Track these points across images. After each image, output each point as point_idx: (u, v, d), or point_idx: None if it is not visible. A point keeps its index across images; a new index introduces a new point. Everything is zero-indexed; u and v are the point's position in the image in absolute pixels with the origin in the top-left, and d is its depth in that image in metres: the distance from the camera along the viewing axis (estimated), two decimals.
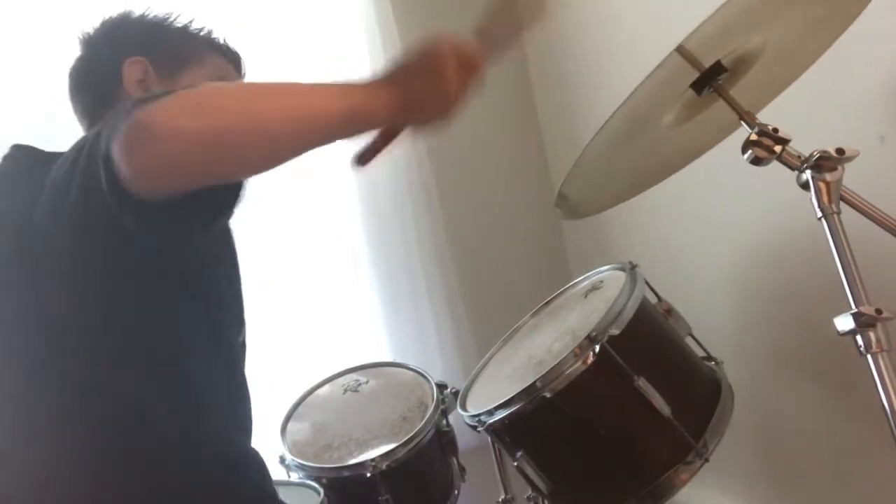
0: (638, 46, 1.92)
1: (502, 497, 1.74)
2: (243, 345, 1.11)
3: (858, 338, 0.97)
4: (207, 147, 0.77)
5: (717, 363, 1.54)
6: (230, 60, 1.22)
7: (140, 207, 0.82)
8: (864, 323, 0.96)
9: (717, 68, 1.14)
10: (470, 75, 0.92)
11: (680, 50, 1.08)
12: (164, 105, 0.77)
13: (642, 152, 1.32)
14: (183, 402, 0.97)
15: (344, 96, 0.88)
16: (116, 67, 1.13)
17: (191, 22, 1.20)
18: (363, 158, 0.98)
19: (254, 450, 1.06)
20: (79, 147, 0.95)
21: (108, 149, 0.80)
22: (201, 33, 1.20)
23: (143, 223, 0.87)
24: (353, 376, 1.85)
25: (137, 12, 1.19)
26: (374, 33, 2.19)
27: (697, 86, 1.16)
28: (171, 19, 1.19)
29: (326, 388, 1.84)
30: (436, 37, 0.91)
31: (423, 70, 0.90)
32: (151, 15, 1.19)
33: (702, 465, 1.35)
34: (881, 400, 0.96)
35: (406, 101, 0.90)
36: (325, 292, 2.22)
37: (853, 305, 0.98)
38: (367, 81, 0.91)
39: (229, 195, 0.89)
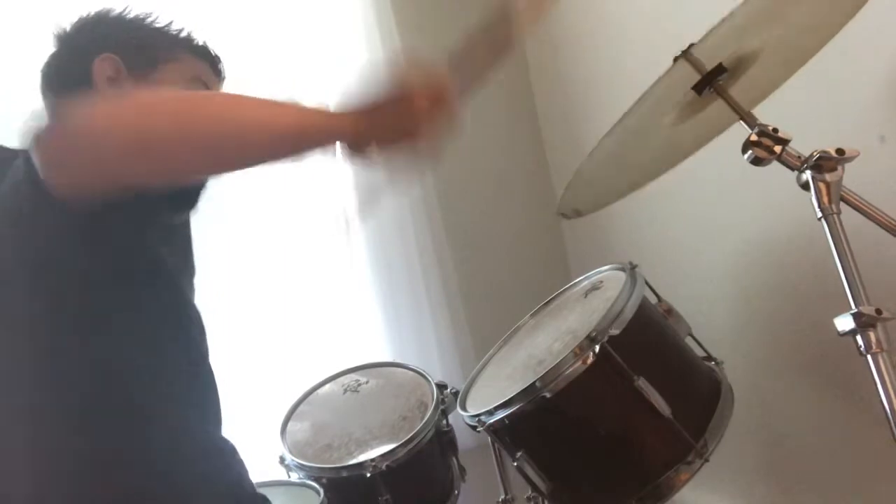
0: (637, 48, 1.93)
1: (502, 497, 1.74)
2: (206, 348, 1.11)
3: (858, 338, 0.97)
4: (130, 151, 0.76)
5: (717, 363, 1.54)
6: (208, 63, 1.19)
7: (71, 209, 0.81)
8: (864, 323, 0.96)
9: (718, 69, 1.14)
10: (441, 110, 0.90)
11: (687, 56, 1.08)
12: (91, 109, 0.76)
13: (642, 153, 1.32)
14: (148, 401, 0.97)
15: (296, 113, 0.86)
16: (87, 64, 1.10)
17: (170, 23, 1.18)
18: (364, 208, 0.97)
19: (224, 439, 1.06)
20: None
21: (31, 159, 0.80)
22: (180, 34, 1.18)
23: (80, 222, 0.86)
24: (353, 376, 1.85)
25: (116, 11, 1.17)
26: (373, 37, 2.19)
27: (698, 87, 1.16)
28: (150, 19, 1.17)
29: (326, 387, 1.84)
30: (407, 70, 0.89)
31: (391, 102, 0.88)
32: (130, 14, 1.17)
33: (702, 465, 1.35)
34: (881, 400, 0.96)
35: (369, 130, 0.88)
36: (325, 292, 2.22)
37: (853, 305, 0.98)
38: (333, 109, 0.89)
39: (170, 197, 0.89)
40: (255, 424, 1.81)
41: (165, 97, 0.89)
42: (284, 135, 0.85)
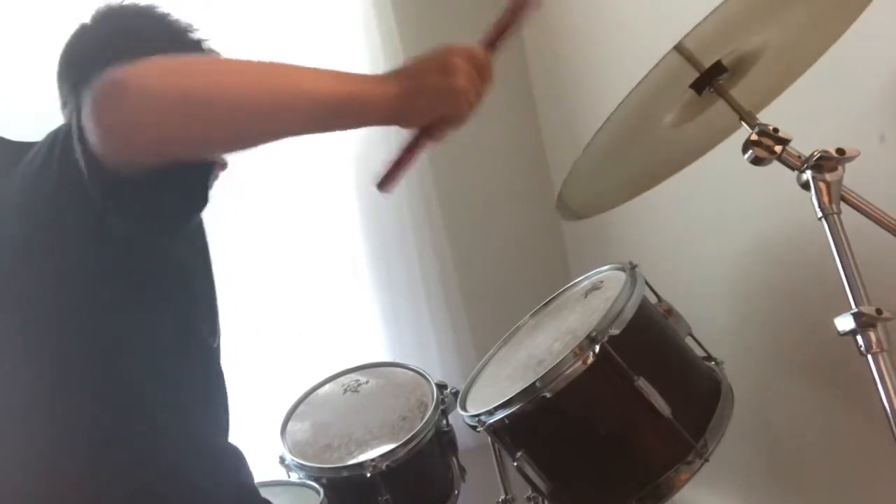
0: (639, 45, 1.92)
1: (502, 497, 1.74)
2: (217, 349, 1.11)
3: (859, 338, 0.97)
4: (177, 110, 0.76)
5: (717, 363, 1.54)
6: None
7: (114, 188, 0.81)
8: (864, 323, 0.96)
9: (718, 68, 1.14)
10: (482, 79, 0.92)
11: (679, 49, 1.08)
12: (137, 66, 0.75)
13: (643, 154, 1.32)
14: (159, 402, 0.97)
15: (340, 80, 0.86)
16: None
17: (206, 40, 1.19)
18: (385, 181, 0.97)
19: (232, 445, 1.06)
20: (51, 140, 0.94)
21: (80, 117, 0.79)
22: (212, 54, 1.19)
23: (118, 205, 0.85)
24: (353, 376, 1.85)
25: (159, 12, 1.16)
26: (373, 37, 2.19)
27: (697, 86, 1.16)
28: (191, 31, 1.17)
29: (326, 387, 1.84)
30: (447, 44, 0.91)
31: (434, 68, 0.90)
32: (173, 20, 1.17)
33: (702, 465, 1.35)
34: (881, 400, 0.96)
35: (414, 95, 0.88)
36: (325, 293, 2.22)
37: (853, 305, 0.98)
38: (375, 75, 0.90)
39: (198, 191, 0.88)
40: (255, 424, 1.81)
41: (212, 60, 0.92)
42: (330, 103, 0.85)
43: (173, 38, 1.14)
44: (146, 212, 0.87)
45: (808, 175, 1.06)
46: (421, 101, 0.90)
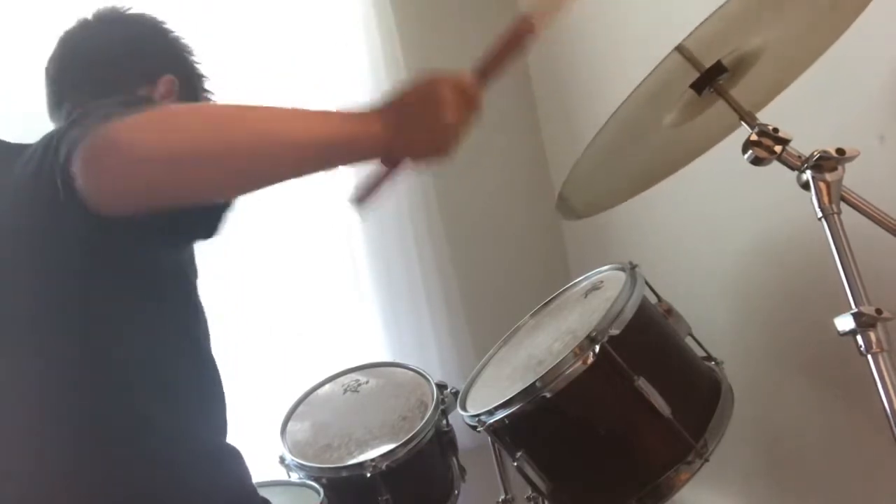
0: (639, 46, 1.92)
1: (502, 497, 1.74)
2: (210, 349, 1.11)
3: (858, 338, 0.97)
4: (167, 170, 0.77)
5: (717, 363, 1.54)
6: None
7: (101, 222, 0.82)
8: (864, 323, 0.96)
9: (718, 68, 1.14)
10: (469, 109, 0.92)
11: (680, 50, 1.08)
12: (128, 123, 0.76)
13: (642, 153, 1.32)
14: (158, 402, 0.97)
15: (329, 123, 0.87)
16: (153, 76, 1.13)
17: (202, 63, 1.22)
18: (361, 196, 0.97)
19: (229, 445, 1.06)
20: (45, 145, 0.95)
21: (68, 161, 0.81)
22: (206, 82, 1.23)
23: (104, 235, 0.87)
24: (353, 376, 1.85)
25: (177, 32, 1.20)
26: (373, 37, 2.19)
27: (697, 86, 1.16)
28: (192, 54, 1.21)
29: (326, 387, 1.84)
30: (434, 71, 0.91)
31: (420, 101, 0.89)
32: (178, 39, 1.20)
33: (702, 465, 1.36)
34: (881, 400, 0.96)
35: (400, 131, 0.88)
36: (325, 293, 2.22)
37: (853, 305, 0.98)
38: (359, 111, 0.90)
39: (198, 221, 0.90)
40: (255, 424, 1.81)
41: (201, 111, 0.91)
42: (321, 147, 0.85)
43: (170, 56, 1.17)
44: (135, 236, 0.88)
45: (808, 175, 1.06)
46: (407, 137, 0.89)
